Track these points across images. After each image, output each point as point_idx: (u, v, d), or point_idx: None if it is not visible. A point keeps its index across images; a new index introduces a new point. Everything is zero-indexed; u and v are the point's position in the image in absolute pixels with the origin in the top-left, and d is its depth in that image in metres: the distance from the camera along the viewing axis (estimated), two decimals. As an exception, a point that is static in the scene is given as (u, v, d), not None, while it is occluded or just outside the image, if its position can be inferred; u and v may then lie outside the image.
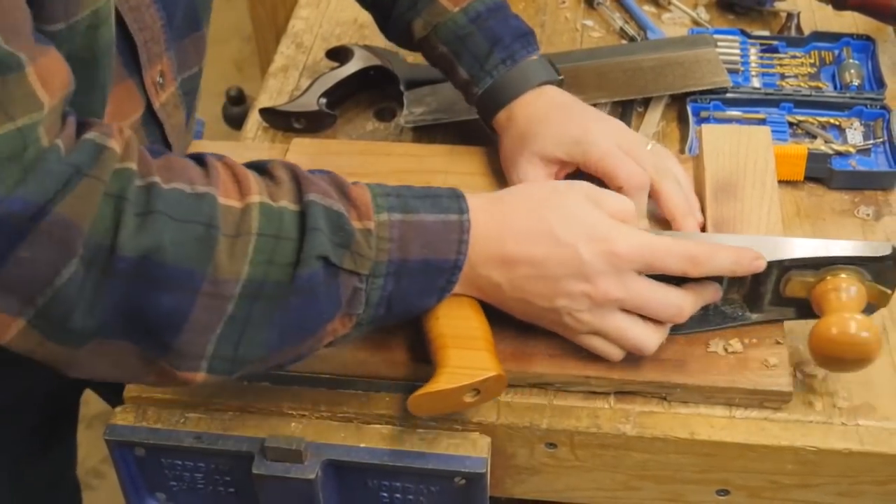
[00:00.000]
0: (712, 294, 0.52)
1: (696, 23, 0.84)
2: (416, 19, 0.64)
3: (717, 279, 0.52)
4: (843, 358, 0.49)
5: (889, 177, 0.66)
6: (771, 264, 0.51)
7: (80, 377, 0.44)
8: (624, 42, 0.82)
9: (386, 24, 0.67)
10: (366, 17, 0.74)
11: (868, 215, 0.65)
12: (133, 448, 0.54)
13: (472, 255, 0.48)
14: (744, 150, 0.62)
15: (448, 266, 0.48)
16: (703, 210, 0.60)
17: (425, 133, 0.73)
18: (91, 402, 0.82)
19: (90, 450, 0.85)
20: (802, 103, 0.72)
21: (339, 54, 0.78)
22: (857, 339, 0.48)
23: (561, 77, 0.63)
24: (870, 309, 0.53)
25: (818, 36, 0.79)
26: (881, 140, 0.69)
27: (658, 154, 0.59)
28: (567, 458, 0.54)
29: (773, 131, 0.65)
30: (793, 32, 0.80)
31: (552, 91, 0.62)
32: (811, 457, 0.52)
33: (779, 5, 0.83)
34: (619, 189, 0.57)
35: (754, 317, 0.54)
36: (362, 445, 0.52)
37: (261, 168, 0.46)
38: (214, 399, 0.55)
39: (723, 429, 0.52)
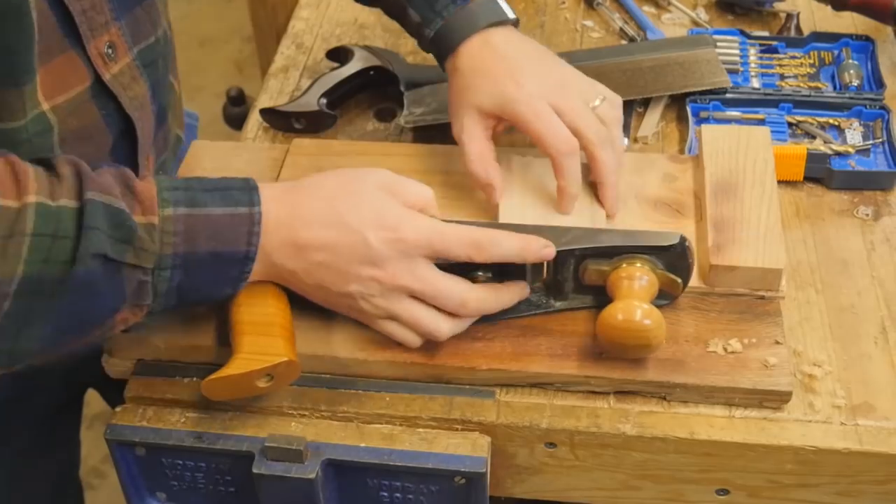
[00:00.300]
0: (517, 292, 0.53)
1: (695, 23, 0.84)
2: None
3: (523, 275, 0.54)
4: (626, 344, 0.51)
5: (888, 177, 0.66)
6: (567, 253, 0.53)
7: None
8: (624, 42, 0.82)
9: None
10: (366, 17, 0.74)
11: (867, 215, 0.65)
12: (134, 447, 0.54)
13: (266, 244, 0.49)
14: (743, 150, 0.62)
15: (239, 257, 0.49)
16: (702, 210, 0.60)
17: (425, 133, 0.73)
18: (92, 402, 0.82)
19: (91, 449, 0.85)
20: (802, 103, 0.72)
21: (339, 55, 0.78)
22: (640, 325, 0.50)
23: (514, 17, 0.61)
24: (666, 297, 0.54)
25: (817, 36, 0.79)
26: (880, 140, 0.69)
27: (604, 114, 0.58)
28: (567, 458, 0.54)
29: (772, 131, 0.65)
30: (792, 33, 0.80)
31: (499, 37, 0.60)
32: (810, 456, 0.52)
33: (778, 6, 0.83)
34: (546, 154, 0.57)
35: (558, 304, 0.56)
36: (362, 445, 0.53)
37: (46, 163, 0.46)
38: (216, 398, 0.55)
39: (722, 428, 0.52)
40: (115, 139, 0.56)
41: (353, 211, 0.50)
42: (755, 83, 0.75)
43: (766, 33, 0.81)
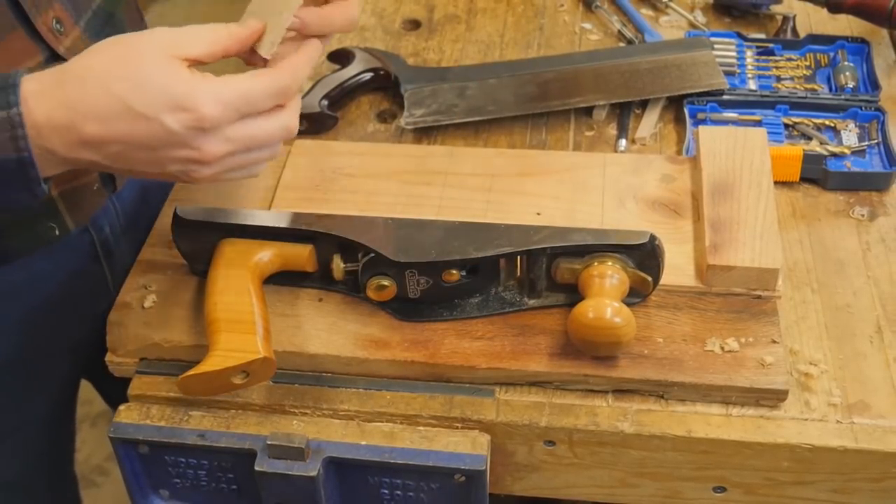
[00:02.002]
0: (313, 51, 0.50)
1: (693, 26, 0.84)
2: None
3: (496, 274, 0.55)
4: (596, 341, 0.51)
5: (883, 178, 0.67)
6: (539, 251, 0.54)
7: None
8: (622, 45, 0.82)
9: None
10: (367, 20, 0.74)
11: (863, 216, 0.65)
12: (137, 445, 0.55)
13: (50, 145, 0.45)
14: (740, 151, 0.63)
15: (11, 165, 0.45)
16: (700, 210, 0.61)
17: (425, 134, 0.73)
18: (95, 401, 0.82)
19: (94, 447, 0.85)
20: (798, 105, 0.72)
21: (340, 57, 0.78)
22: (610, 323, 0.50)
23: None
24: (637, 295, 0.55)
25: (813, 39, 0.79)
26: (876, 141, 0.70)
27: None
28: (566, 456, 0.54)
29: (768, 133, 0.66)
30: (788, 35, 0.81)
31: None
32: (807, 454, 0.52)
33: (775, 8, 0.84)
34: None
35: (531, 302, 0.56)
36: (363, 443, 0.53)
37: None
38: (217, 398, 0.55)
39: (719, 426, 0.53)
40: None
41: (140, 97, 0.44)
42: (752, 85, 0.76)
43: (762, 36, 0.82)
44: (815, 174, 0.67)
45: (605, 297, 0.51)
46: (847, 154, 0.69)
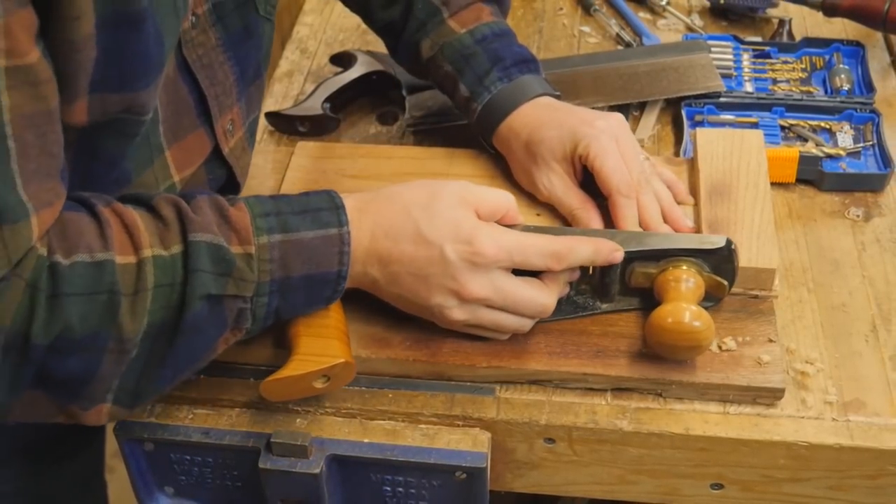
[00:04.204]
0: (568, 278, 0.54)
1: (690, 29, 0.85)
2: (425, 40, 0.65)
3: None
4: (676, 345, 0.51)
5: (878, 179, 0.67)
6: None
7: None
8: (620, 47, 0.83)
9: (397, 46, 0.69)
10: (368, 23, 0.75)
11: (858, 216, 0.66)
12: (142, 443, 0.55)
13: (355, 258, 0.50)
14: (737, 152, 0.63)
15: (332, 278, 0.49)
16: (697, 211, 0.61)
17: (426, 136, 0.74)
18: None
19: (100, 445, 0.87)
20: (794, 107, 0.73)
21: (342, 60, 0.79)
22: (689, 327, 0.50)
23: (557, 92, 0.64)
24: (711, 299, 0.55)
25: (809, 42, 0.80)
26: (871, 143, 0.70)
27: (646, 166, 0.60)
28: (565, 453, 0.55)
29: (765, 134, 0.66)
30: (784, 38, 0.82)
31: (548, 100, 0.63)
32: (803, 452, 0.53)
33: (771, 12, 0.85)
34: (607, 191, 0.58)
35: (604, 306, 0.56)
36: (366, 441, 0.53)
37: (148, 205, 0.47)
38: (221, 395, 0.56)
39: (717, 424, 0.53)
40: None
41: (430, 224, 0.50)
42: (748, 87, 0.77)
43: (759, 39, 0.82)
44: (811, 175, 0.68)
45: (683, 302, 0.51)
46: (842, 156, 0.69)
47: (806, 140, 0.72)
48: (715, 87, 0.74)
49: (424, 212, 0.51)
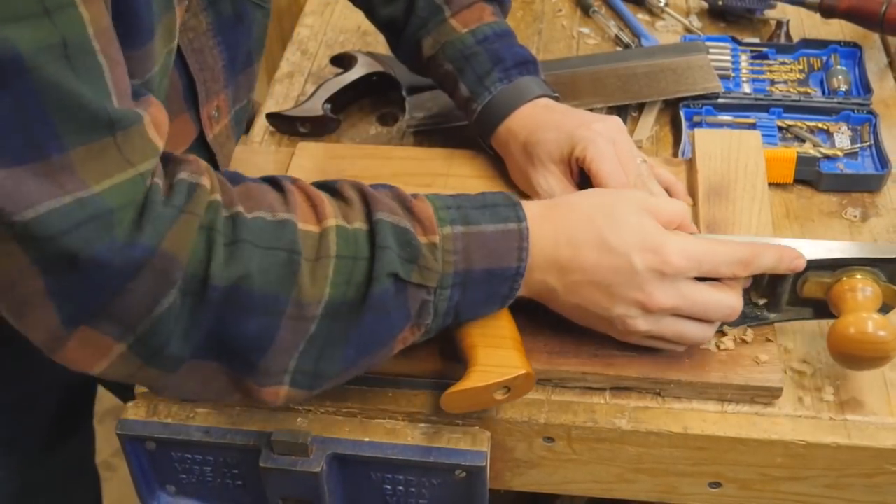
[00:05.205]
0: (744, 285, 0.53)
1: (688, 30, 0.86)
2: (426, 38, 0.65)
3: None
4: (861, 356, 0.50)
5: (875, 179, 0.68)
6: None
7: (171, 397, 0.45)
8: (619, 49, 0.84)
9: (398, 44, 0.69)
10: (369, 24, 0.75)
11: (855, 217, 0.66)
12: (144, 442, 0.55)
13: (530, 260, 0.49)
14: (735, 153, 0.64)
15: (511, 274, 0.48)
16: (695, 212, 0.61)
17: (426, 137, 0.74)
18: (103, 398, 0.83)
19: (102, 444, 0.86)
20: (792, 108, 0.73)
21: (342, 61, 0.79)
22: (874, 337, 0.49)
23: (556, 94, 0.64)
24: (885, 309, 0.54)
25: (807, 43, 0.80)
26: (868, 144, 0.71)
27: (643, 169, 0.61)
28: (564, 452, 0.55)
29: (763, 135, 0.67)
30: (782, 39, 0.82)
31: (547, 101, 0.63)
32: (800, 450, 0.53)
33: (769, 13, 0.85)
34: None
35: (773, 316, 0.55)
36: (366, 440, 0.54)
37: (331, 189, 0.48)
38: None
39: (715, 423, 0.53)
40: None
41: (616, 232, 0.49)
42: (746, 88, 0.77)
43: (756, 40, 0.83)
44: (809, 176, 0.68)
45: (863, 311, 0.50)
46: (840, 156, 0.70)
47: (803, 141, 0.72)
48: (713, 88, 0.74)
49: (608, 220, 0.49)
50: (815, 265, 0.53)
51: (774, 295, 0.54)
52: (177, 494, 0.58)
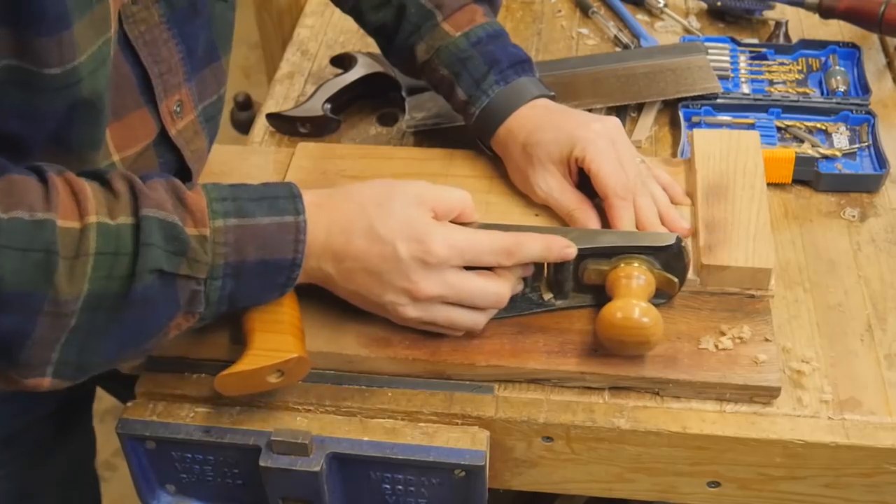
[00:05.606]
0: (521, 273, 0.55)
1: (687, 31, 0.86)
2: (419, 44, 0.65)
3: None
4: (625, 341, 0.52)
5: (874, 179, 0.68)
6: None
7: None
8: (618, 49, 0.84)
9: (389, 48, 0.69)
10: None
11: (854, 217, 0.66)
12: (144, 441, 0.55)
13: (309, 252, 0.50)
14: (734, 153, 0.64)
15: (286, 265, 0.50)
16: (694, 212, 0.62)
17: (426, 137, 0.74)
18: (103, 398, 0.83)
19: (102, 443, 0.87)
20: (790, 108, 0.74)
21: (342, 61, 0.80)
22: (638, 323, 0.51)
23: (552, 93, 0.64)
24: (663, 296, 0.56)
25: (805, 44, 0.80)
26: (866, 144, 0.71)
27: (642, 169, 0.61)
28: (563, 452, 0.55)
29: (761, 135, 0.67)
30: (781, 40, 0.82)
31: (545, 102, 0.63)
32: (799, 450, 0.53)
33: (767, 14, 0.85)
34: (603, 194, 0.59)
35: (559, 303, 0.57)
36: (366, 439, 0.54)
37: (101, 179, 0.47)
38: (223, 394, 0.56)
39: (714, 423, 0.53)
40: None
41: (384, 222, 0.50)
42: (745, 89, 0.77)
43: (755, 41, 0.83)
44: (807, 176, 0.68)
45: (633, 298, 0.52)
46: (838, 156, 0.70)
47: (802, 141, 0.72)
48: (712, 89, 0.75)
49: (379, 209, 0.51)
50: (594, 253, 0.55)
51: (558, 282, 0.56)
52: (177, 493, 0.58)
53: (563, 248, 0.53)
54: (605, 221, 0.60)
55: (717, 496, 0.56)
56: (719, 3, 0.85)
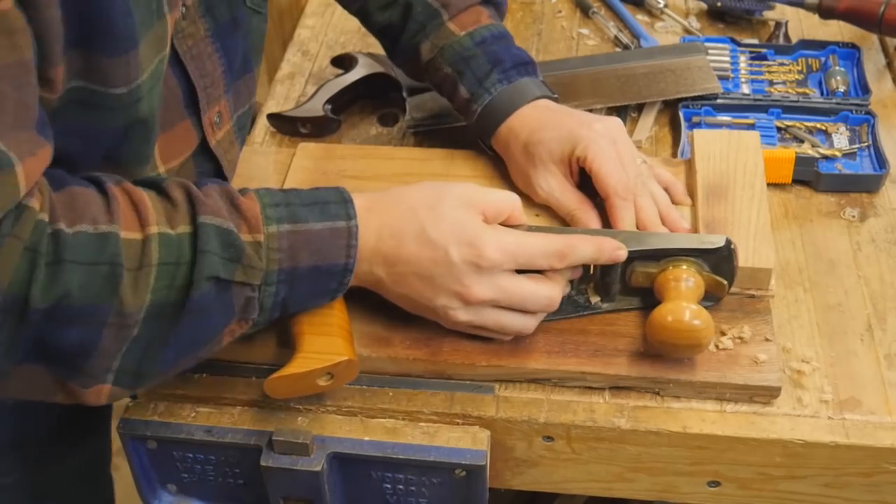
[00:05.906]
0: (570, 276, 0.55)
1: (687, 31, 0.86)
2: (424, 42, 0.66)
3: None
4: (677, 343, 0.52)
5: (874, 180, 0.68)
6: None
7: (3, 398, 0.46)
8: (618, 50, 0.84)
9: (394, 48, 0.69)
10: (369, 25, 0.76)
11: (854, 217, 0.67)
12: (145, 441, 0.56)
13: (361, 256, 0.50)
14: (734, 153, 0.64)
15: (338, 270, 0.50)
16: (694, 212, 0.62)
17: (426, 137, 0.74)
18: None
19: (104, 443, 0.88)
20: (790, 109, 0.74)
21: (343, 62, 0.80)
22: (689, 326, 0.51)
23: (555, 95, 0.65)
24: (711, 299, 0.56)
25: (805, 44, 0.81)
26: (866, 144, 0.71)
27: (643, 169, 0.61)
28: (564, 451, 0.55)
29: (761, 136, 0.67)
30: (781, 40, 0.82)
31: (547, 102, 0.64)
32: (799, 449, 0.53)
33: (767, 14, 0.85)
34: (604, 193, 0.59)
35: (605, 306, 0.57)
36: (366, 439, 0.54)
37: (158, 188, 0.48)
38: (224, 394, 0.56)
39: (714, 423, 0.54)
40: None
41: (436, 225, 0.50)
42: (745, 89, 0.77)
43: (755, 41, 0.83)
44: (807, 176, 0.68)
45: (683, 301, 0.52)
46: (838, 157, 0.70)
47: (802, 141, 0.72)
48: (712, 89, 0.75)
49: (430, 213, 0.51)
50: (642, 255, 0.54)
51: (605, 284, 0.56)
52: (178, 493, 0.58)
53: (614, 249, 0.53)
54: (606, 221, 0.60)
55: (717, 496, 0.56)
56: (719, 4, 0.85)
